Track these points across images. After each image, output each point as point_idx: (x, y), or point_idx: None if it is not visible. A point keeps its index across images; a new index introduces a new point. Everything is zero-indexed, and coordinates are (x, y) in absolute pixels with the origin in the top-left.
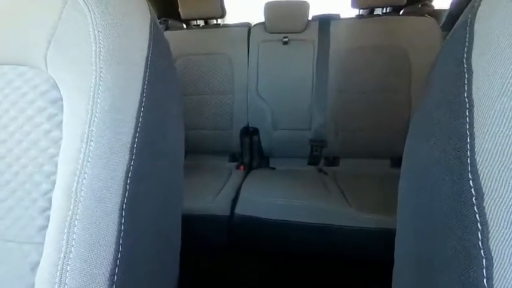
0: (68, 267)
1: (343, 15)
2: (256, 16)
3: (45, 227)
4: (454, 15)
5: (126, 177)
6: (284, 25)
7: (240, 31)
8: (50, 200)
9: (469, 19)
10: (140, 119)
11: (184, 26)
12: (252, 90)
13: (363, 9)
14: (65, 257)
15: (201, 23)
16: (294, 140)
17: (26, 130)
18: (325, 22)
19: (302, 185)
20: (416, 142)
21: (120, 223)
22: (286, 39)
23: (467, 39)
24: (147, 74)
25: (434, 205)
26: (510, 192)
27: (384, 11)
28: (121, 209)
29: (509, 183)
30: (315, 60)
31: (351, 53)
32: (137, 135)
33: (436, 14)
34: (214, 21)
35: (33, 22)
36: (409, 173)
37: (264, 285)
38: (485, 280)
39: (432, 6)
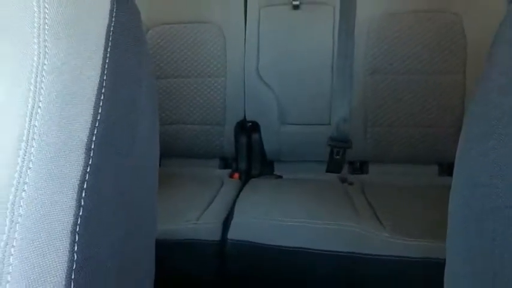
0: None
1: None
2: None
3: None
4: None
5: (81, 188)
6: None
7: None
8: None
9: None
10: (99, 111)
11: None
12: (251, 72)
13: None
14: None
15: None
16: (308, 138)
17: None
18: None
19: (319, 199)
20: (474, 142)
21: (72, 251)
22: (297, 2)
23: None
24: (108, 50)
25: (498, 228)
26: None
27: None
28: (73, 232)
29: None
30: (336, 30)
31: (385, 21)
32: (95, 132)
33: None
34: None
35: None
36: (463, 184)
37: None
38: None
39: None
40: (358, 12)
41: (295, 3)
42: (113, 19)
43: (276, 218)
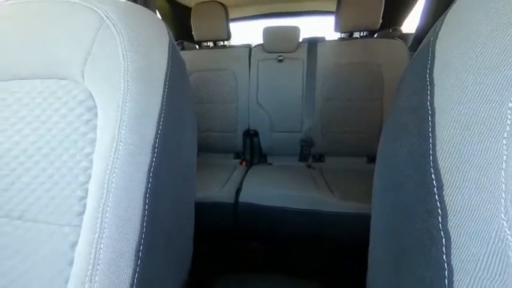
0: (101, 245)
1: (328, 38)
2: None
3: (82, 212)
4: (419, 37)
5: (149, 171)
6: (279, 46)
7: (242, 51)
8: (86, 190)
9: (431, 41)
10: (161, 124)
11: (197, 46)
12: (253, 100)
13: (344, 33)
14: (98, 237)
15: (210, 44)
16: (288, 140)
17: (66, 132)
18: (313, 43)
19: (294, 178)
20: (388, 143)
21: (144, 209)
22: (281, 58)
23: (429, 58)
24: (167, 86)
25: (403, 195)
26: (464, 183)
27: (361, 34)
28: (145, 197)
29: (463, 176)
30: (305, 75)
31: (335, 69)
32: (158, 137)
33: (404, 37)
34: (221, 43)
35: (72, 42)
36: (382, 168)
37: (264, 262)
38: (444, 256)
39: (401, 31)
40: (318, 64)
41: (280, 58)
42: (169, 67)
43: (269, 189)
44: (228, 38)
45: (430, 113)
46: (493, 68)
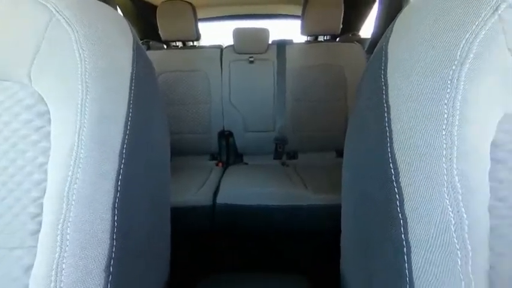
0: (63, 265)
1: (295, 41)
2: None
3: (37, 231)
4: (374, 42)
5: (117, 180)
6: (250, 47)
7: (214, 51)
8: (41, 206)
9: (384, 45)
10: (128, 128)
11: (165, 46)
12: (226, 100)
13: (310, 36)
14: (59, 256)
15: (179, 44)
16: (262, 140)
17: (12, 142)
18: (281, 45)
19: (270, 176)
20: (353, 138)
21: (113, 221)
22: (252, 59)
23: (383, 60)
24: (133, 87)
25: (367, 184)
26: (415, 171)
27: (325, 38)
28: (113, 208)
29: (414, 165)
30: (275, 75)
31: (302, 71)
32: (126, 141)
33: (362, 41)
34: (191, 43)
35: (16, 39)
36: (348, 161)
37: (243, 260)
38: (403, 235)
39: (359, 36)
40: (287, 65)
41: (250, 59)
42: (135, 67)
43: (245, 188)
44: (198, 38)
45: (386, 109)
46: (432, 70)
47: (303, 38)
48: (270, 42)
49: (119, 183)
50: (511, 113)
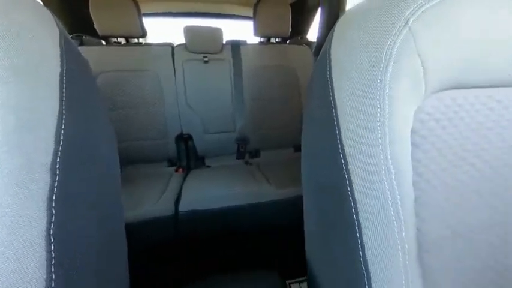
0: None
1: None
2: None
3: None
4: (319, 45)
5: (50, 201)
6: (204, 47)
7: (164, 50)
8: None
9: (327, 48)
10: (61, 137)
11: (103, 42)
12: (182, 102)
13: (263, 37)
14: None
15: (121, 40)
16: (223, 141)
17: None
18: (236, 46)
19: (234, 176)
20: (308, 133)
21: (49, 251)
22: (207, 59)
23: (327, 62)
24: (64, 89)
25: (323, 174)
26: (359, 158)
27: (276, 40)
28: (48, 235)
29: (358, 153)
30: (232, 75)
31: (258, 71)
32: (59, 154)
33: (309, 44)
34: (136, 40)
35: None
36: (306, 155)
37: (214, 265)
38: (354, 215)
39: (307, 39)
40: (243, 65)
41: (205, 59)
42: (64, 66)
43: (210, 191)
44: (144, 35)
45: (333, 106)
46: (366, 71)
47: (255, 39)
48: (224, 42)
49: (53, 204)
50: (422, 105)
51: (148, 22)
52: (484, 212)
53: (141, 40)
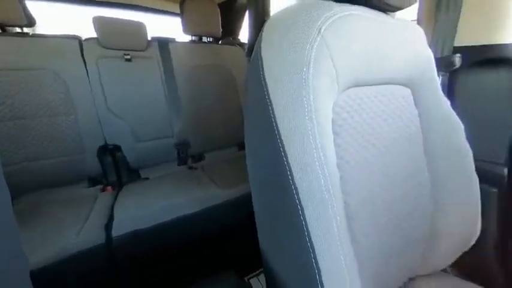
0: None
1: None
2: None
3: None
4: (251, 46)
5: None
6: (124, 42)
7: (67, 44)
8: None
9: (258, 51)
10: None
11: None
12: (102, 108)
13: (195, 36)
14: None
15: None
16: (161, 147)
17: None
18: (164, 43)
19: (177, 184)
20: (249, 131)
21: None
22: (129, 57)
23: (260, 63)
24: None
25: (265, 165)
26: (295, 147)
27: (208, 40)
28: None
29: (294, 143)
30: (163, 75)
31: (192, 70)
32: None
33: (242, 45)
34: (18, 30)
35: None
36: (249, 151)
37: (166, 284)
38: (297, 200)
39: (239, 40)
40: (175, 65)
41: (127, 57)
42: None
43: (149, 206)
44: (31, 23)
45: (269, 104)
46: (294, 72)
47: (188, 37)
48: (149, 38)
49: None
50: (336, 100)
51: (40, 8)
52: (386, 181)
53: (26, 30)
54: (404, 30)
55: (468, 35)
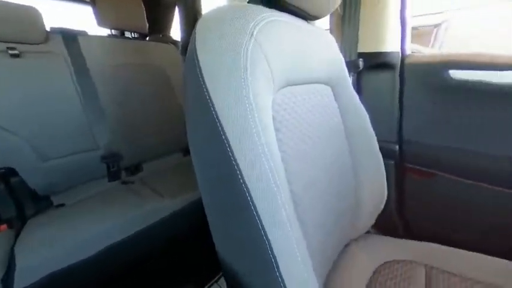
0: None
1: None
2: None
3: None
4: (184, 45)
5: None
6: (7, 32)
7: None
8: None
9: (193, 51)
10: None
11: None
12: None
13: (114, 29)
14: None
15: None
16: (82, 163)
17: None
18: (70, 36)
19: (108, 204)
20: (193, 133)
21: None
22: (16, 52)
23: (196, 64)
24: None
25: (214, 166)
26: (245, 149)
27: (133, 35)
28: None
29: (243, 143)
30: (74, 76)
31: (116, 70)
32: None
33: (176, 43)
34: None
35: None
36: (195, 154)
37: None
38: (248, 197)
39: (171, 37)
40: (90, 62)
41: (13, 52)
42: None
43: (67, 240)
44: None
45: (211, 105)
46: (232, 73)
47: (105, 31)
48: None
49: None
50: (274, 98)
51: None
52: (321, 166)
53: None
54: (322, 36)
55: (366, 44)
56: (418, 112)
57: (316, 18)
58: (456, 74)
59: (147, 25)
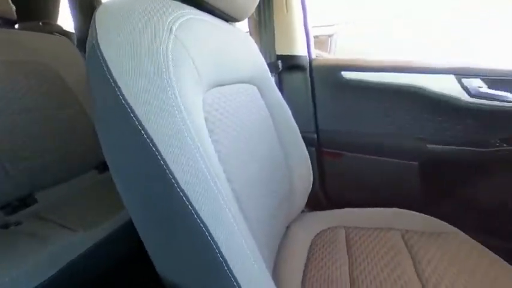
0: None
1: None
2: None
3: None
4: (82, 38)
5: None
6: None
7: None
8: None
9: (95, 46)
10: None
11: None
12: None
13: None
14: None
15: None
16: None
17: None
18: None
19: None
20: (108, 145)
21: None
22: None
23: (102, 62)
24: None
25: (141, 177)
26: (176, 152)
27: None
28: None
29: (173, 146)
30: None
31: None
32: None
33: (67, 34)
34: None
35: None
36: (116, 167)
37: None
38: (186, 201)
39: (60, 27)
40: None
41: None
42: None
43: None
44: None
45: (128, 107)
46: (151, 73)
47: None
48: None
49: None
50: (204, 99)
51: None
52: (257, 161)
53: None
54: (244, 38)
55: (282, 47)
56: (326, 106)
57: (235, 20)
58: (346, 75)
59: (14, 8)
